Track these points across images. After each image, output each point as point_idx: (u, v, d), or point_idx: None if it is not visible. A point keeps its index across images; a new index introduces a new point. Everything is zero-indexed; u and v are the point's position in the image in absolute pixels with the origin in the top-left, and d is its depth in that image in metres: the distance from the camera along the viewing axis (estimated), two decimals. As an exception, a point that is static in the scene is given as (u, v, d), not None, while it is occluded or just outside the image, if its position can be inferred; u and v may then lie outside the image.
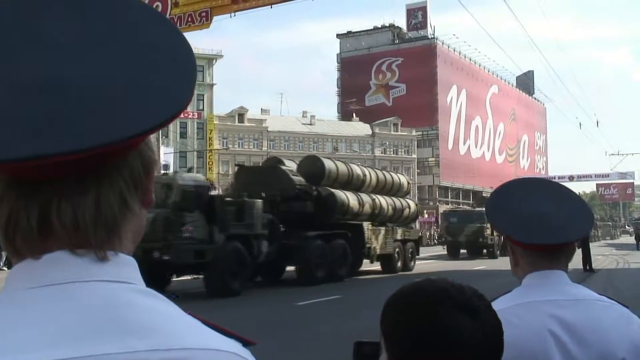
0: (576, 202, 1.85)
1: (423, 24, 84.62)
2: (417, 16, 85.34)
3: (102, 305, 0.69)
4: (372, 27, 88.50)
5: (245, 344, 0.79)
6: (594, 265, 23.73)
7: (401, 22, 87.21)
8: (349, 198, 21.97)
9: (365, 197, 23.15)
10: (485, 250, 37.70)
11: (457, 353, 1.10)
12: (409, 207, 26.74)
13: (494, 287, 3.31)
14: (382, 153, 77.17)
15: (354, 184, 23.22)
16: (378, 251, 23.49)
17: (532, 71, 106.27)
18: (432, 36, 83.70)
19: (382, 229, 24.04)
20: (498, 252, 36.67)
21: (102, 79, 0.68)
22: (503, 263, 29.00)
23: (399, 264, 24.88)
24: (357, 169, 24.00)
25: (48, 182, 0.70)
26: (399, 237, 25.13)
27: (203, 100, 65.63)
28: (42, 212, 0.70)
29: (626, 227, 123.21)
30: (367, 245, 22.87)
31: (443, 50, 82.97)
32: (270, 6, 28.04)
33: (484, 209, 32.40)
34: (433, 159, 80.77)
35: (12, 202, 0.71)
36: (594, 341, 1.66)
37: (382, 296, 1.27)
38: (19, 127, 0.64)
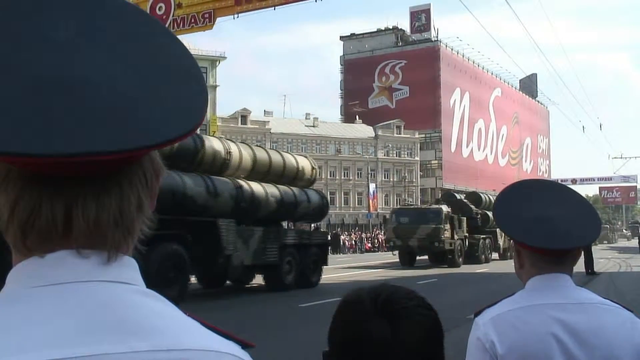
0: (584, 206, 1.84)
1: (426, 27, 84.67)
2: (421, 19, 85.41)
3: (102, 305, 0.69)
4: (375, 30, 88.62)
5: (244, 346, 0.79)
6: (595, 269, 23.67)
7: (405, 25, 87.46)
8: (187, 184, 14.70)
9: (224, 185, 16.09)
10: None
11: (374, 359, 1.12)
12: (309, 201, 19.30)
13: (497, 290, 3.30)
14: (385, 155, 77.20)
15: (211, 166, 16.11)
16: (248, 260, 16.78)
17: (536, 74, 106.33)
18: (436, 39, 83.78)
19: (259, 230, 17.28)
20: (461, 259, 31.14)
21: (127, 83, 0.69)
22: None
23: (291, 276, 18.35)
24: (216, 144, 16.51)
25: (72, 180, 0.69)
26: (291, 240, 18.56)
27: (206, 101, 65.66)
28: (67, 210, 0.70)
29: (623, 230, 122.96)
30: (227, 253, 15.88)
31: (446, 53, 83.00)
32: (273, 8, 28.07)
33: (442, 206, 28.15)
34: (436, 161, 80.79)
35: (35, 198, 0.69)
36: (598, 345, 1.65)
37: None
38: (58, 123, 0.63)
